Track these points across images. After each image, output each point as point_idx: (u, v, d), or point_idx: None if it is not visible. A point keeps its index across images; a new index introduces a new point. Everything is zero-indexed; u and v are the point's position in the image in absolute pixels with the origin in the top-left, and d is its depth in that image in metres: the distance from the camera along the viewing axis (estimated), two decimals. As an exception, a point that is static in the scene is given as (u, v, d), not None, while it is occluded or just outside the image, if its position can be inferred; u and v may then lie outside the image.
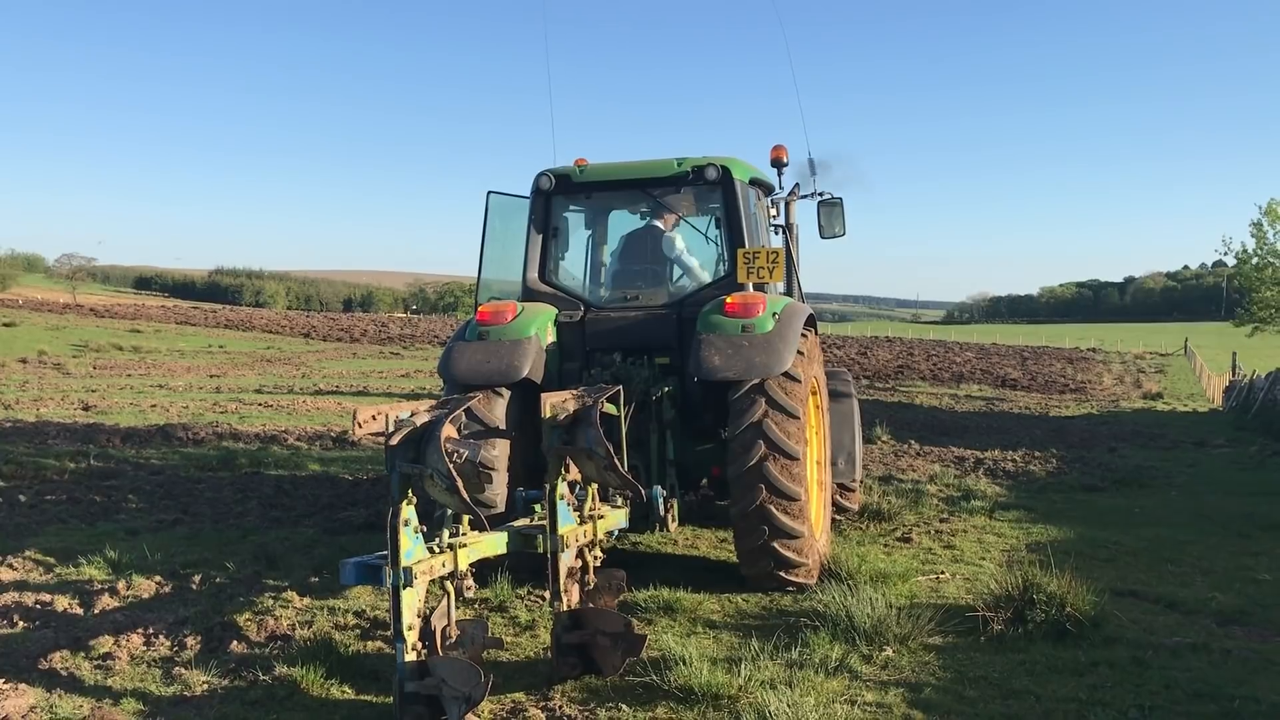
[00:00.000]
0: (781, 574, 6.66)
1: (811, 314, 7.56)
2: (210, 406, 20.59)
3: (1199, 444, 18.44)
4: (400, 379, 31.75)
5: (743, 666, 5.07)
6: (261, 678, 5.10)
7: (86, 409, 19.35)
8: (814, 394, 7.49)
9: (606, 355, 7.42)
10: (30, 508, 9.54)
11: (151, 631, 5.72)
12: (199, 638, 5.68)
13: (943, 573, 7.46)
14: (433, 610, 4.60)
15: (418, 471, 4.28)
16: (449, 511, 4.76)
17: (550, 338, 7.36)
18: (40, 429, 15.50)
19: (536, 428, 6.99)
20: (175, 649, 5.53)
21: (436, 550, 4.60)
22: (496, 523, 5.61)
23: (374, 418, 4.27)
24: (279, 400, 22.41)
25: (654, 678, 4.98)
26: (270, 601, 6.47)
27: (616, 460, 5.20)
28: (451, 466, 4.17)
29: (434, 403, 4.66)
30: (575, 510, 5.38)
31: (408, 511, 4.30)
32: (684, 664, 5.01)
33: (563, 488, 5.23)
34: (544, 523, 5.26)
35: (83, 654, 5.42)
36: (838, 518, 9.09)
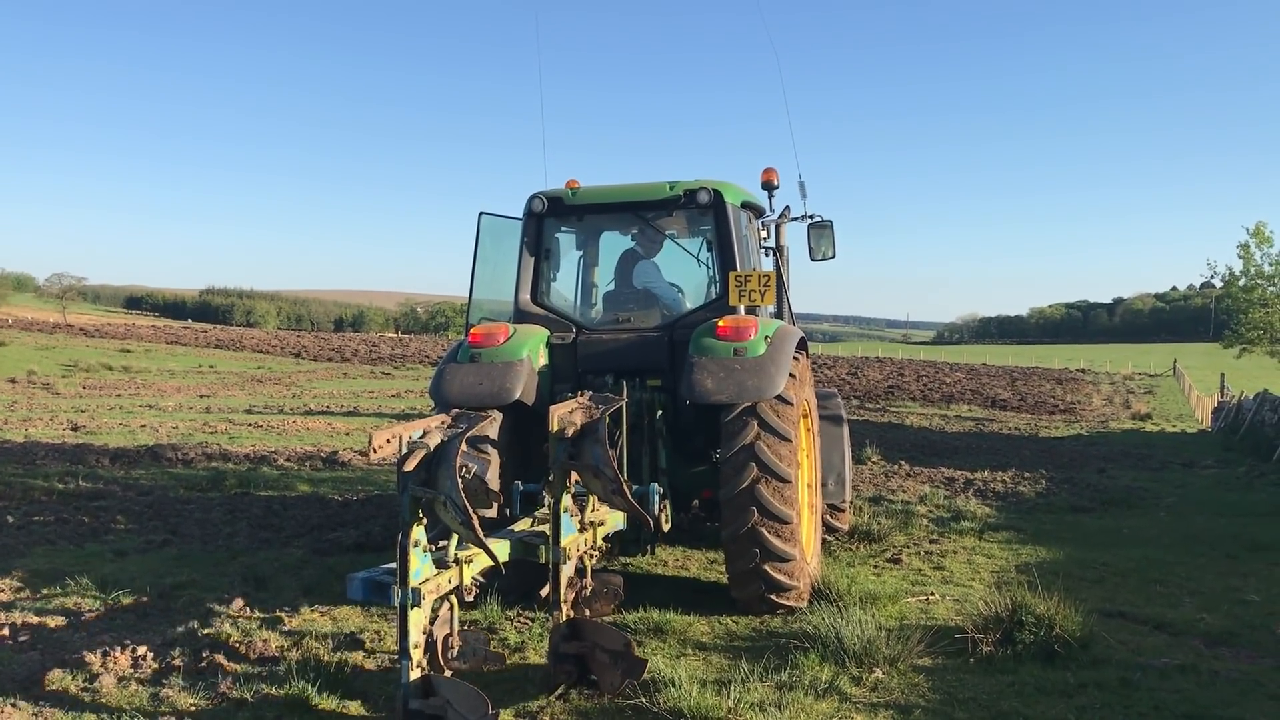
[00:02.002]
0: (772, 597, 6.66)
1: (803, 337, 7.60)
2: (200, 427, 20.53)
3: (1187, 465, 18.52)
4: (391, 399, 31.70)
5: (732, 688, 5.07)
6: (250, 699, 5.08)
7: (75, 429, 19.27)
8: (805, 417, 7.52)
9: (598, 377, 7.44)
10: (18, 529, 9.49)
11: (139, 653, 5.70)
12: (187, 659, 5.66)
13: (932, 594, 7.48)
14: (434, 619, 4.60)
15: (430, 496, 4.30)
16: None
17: (542, 360, 7.38)
18: (29, 449, 15.42)
19: (528, 450, 7.02)
20: (163, 670, 5.51)
21: (442, 565, 4.63)
22: (490, 527, 5.62)
23: (389, 441, 4.29)
24: (269, 420, 22.36)
25: (643, 700, 4.97)
26: (259, 623, 6.45)
27: (625, 485, 5.23)
28: (465, 500, 4.18)
29: (444, 419, 4.67)
30: (576, 518, 5.43)
31: (417, 533, 4.33)
32: (674, 686, 5.01)
33: (567, 500, 5.28)
34: (544, 528, 5.29)
35: (70, 676, 5.39)
36: (828, 538, 9.10)
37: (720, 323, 6.92)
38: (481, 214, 7.99)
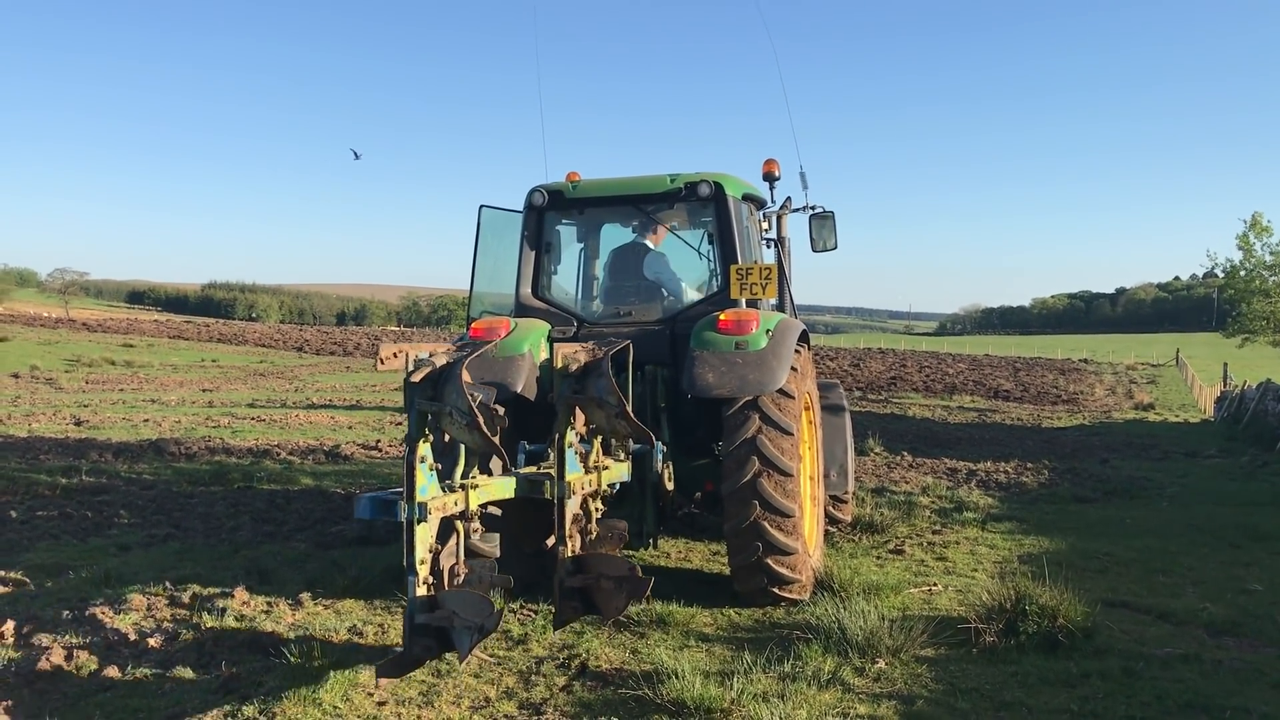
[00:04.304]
0: (775, 590, 6.67)
1: (805, 329, 7.58)
2: (203, 421, 20.55)
3: (1190, 455, 18.51)
4: (394, 391, 31.68)
5: (735, 680, 5.08)
6: (254, 692, 5.10)
7: (78, 424, 19.29)
8: (807, 409, 7.51)
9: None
10: (22, 524, 9.51)
11: (143, 647, 5.72)
12: (191, 653, 5.68)
13: (935, 584, 7.48)
14: (441, 549, 4.68)
15: (436, 409, 4.35)
16: (460, 454, 4.91)
17: (543, 354, 7.37)
18: (32, 444, 15.45)
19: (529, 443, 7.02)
20: (167, 664, 5.52)
21: (449, 489, 4.72)
22: None
23: (395, 355, 4.37)
24: (271, 414, 22.37)
25: (646, 691, 4.98)
26: (262, 616, 6.47)
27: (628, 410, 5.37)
28: (471, 402, 4.26)
29: (449, 346, 4.76)
30: (581, 459, 5.55)
31: (424, 449, 4.39)
32: (676, 677, 5.01)
33: (571, 436, 5.39)
34: (551, 470, 5.43)
35: (74, 669, 5.41)
36: (830, 529, 9.11)
37: (721, 316, 6.91)
38: (482, 207, 7.98)
